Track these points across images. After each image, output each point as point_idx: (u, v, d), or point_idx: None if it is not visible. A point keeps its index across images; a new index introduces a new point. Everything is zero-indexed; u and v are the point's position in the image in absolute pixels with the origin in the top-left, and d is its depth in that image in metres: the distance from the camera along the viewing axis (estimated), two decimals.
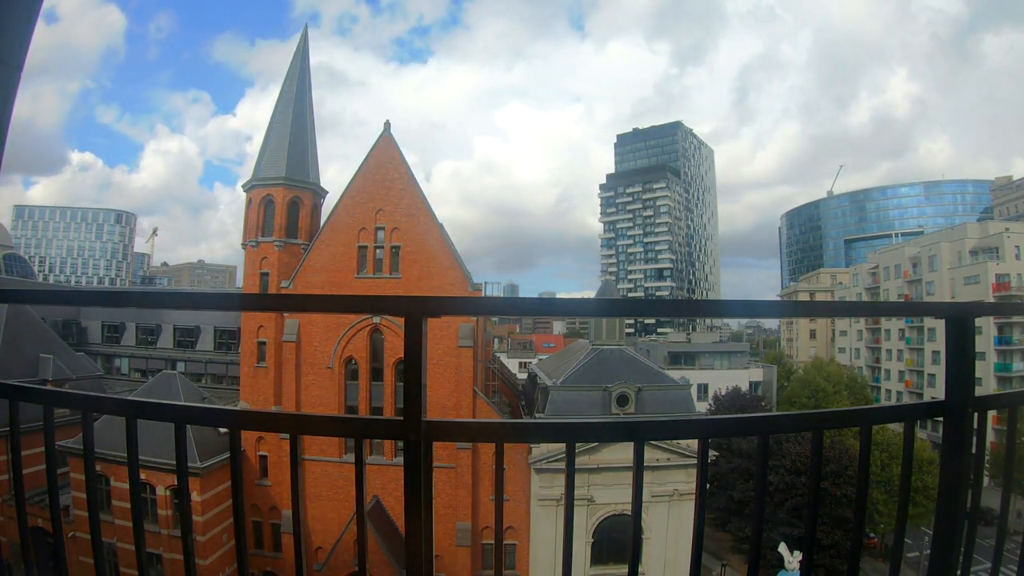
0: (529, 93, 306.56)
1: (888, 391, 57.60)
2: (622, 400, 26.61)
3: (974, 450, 1.66)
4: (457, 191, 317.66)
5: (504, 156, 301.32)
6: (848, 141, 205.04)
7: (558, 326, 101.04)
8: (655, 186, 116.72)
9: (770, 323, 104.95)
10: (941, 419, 1.64)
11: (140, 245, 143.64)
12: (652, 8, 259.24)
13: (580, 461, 23.38)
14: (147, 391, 26.57)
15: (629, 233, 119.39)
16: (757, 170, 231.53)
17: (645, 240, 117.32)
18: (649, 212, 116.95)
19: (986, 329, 44.80)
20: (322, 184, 30.22)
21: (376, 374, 27.23)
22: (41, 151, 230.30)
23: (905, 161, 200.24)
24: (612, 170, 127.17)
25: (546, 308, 1.71)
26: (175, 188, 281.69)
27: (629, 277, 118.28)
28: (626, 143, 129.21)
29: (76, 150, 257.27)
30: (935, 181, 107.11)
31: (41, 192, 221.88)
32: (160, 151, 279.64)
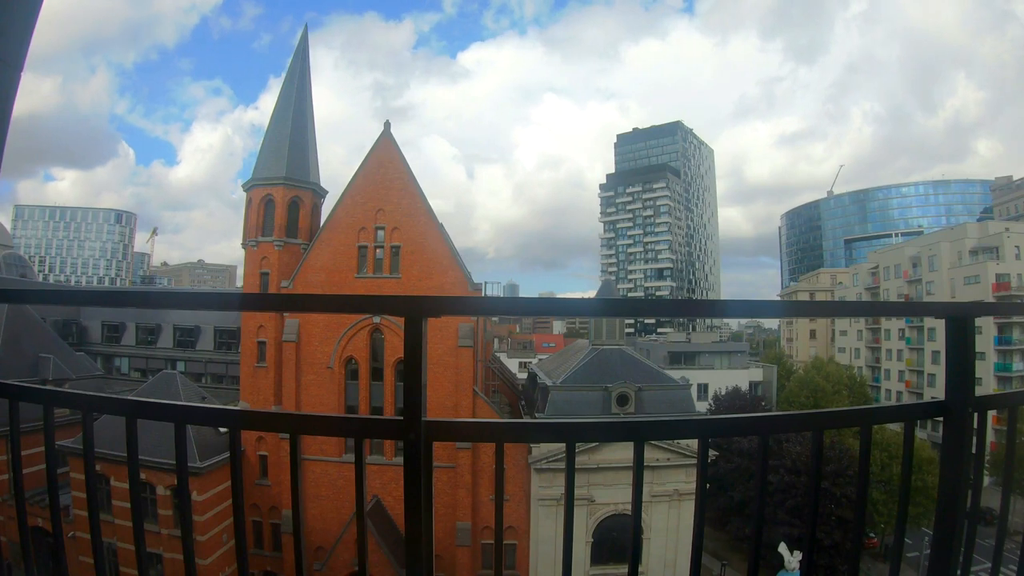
0: (591, 92, 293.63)
1: (888, 391, 57.57)
2: (622, 400, 26.62)
3: (974, 450, 1.66)
4: (510, 188, 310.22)
5: (563, 155, 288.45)
6: (909, 145, 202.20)
7: (558, 326, 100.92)
8: (655, 186, 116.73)
9: (770, 323, 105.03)
10: (941, 419, 1.65)
11: (147, 246, 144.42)
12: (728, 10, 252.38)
13: (580, 461, 23.39)
14: (147, 391, 26.57)
15: (629, 233, 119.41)
16: (821, 171, 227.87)
17: (645, 240, 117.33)
18: (649, 212, 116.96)
19: (986, 329, 44.77)
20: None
21: (376, 374, 27.24)
22: (85, 142, 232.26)
23: (963, 166, 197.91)
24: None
25: (546, 308, 1.71)
26: (213, 183, 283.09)
27: (629, 277, 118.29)
28: (626, 143, 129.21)
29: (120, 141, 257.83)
30: (936, 181, 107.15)
31: (67, 187, 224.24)
32: (196, 148, 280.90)
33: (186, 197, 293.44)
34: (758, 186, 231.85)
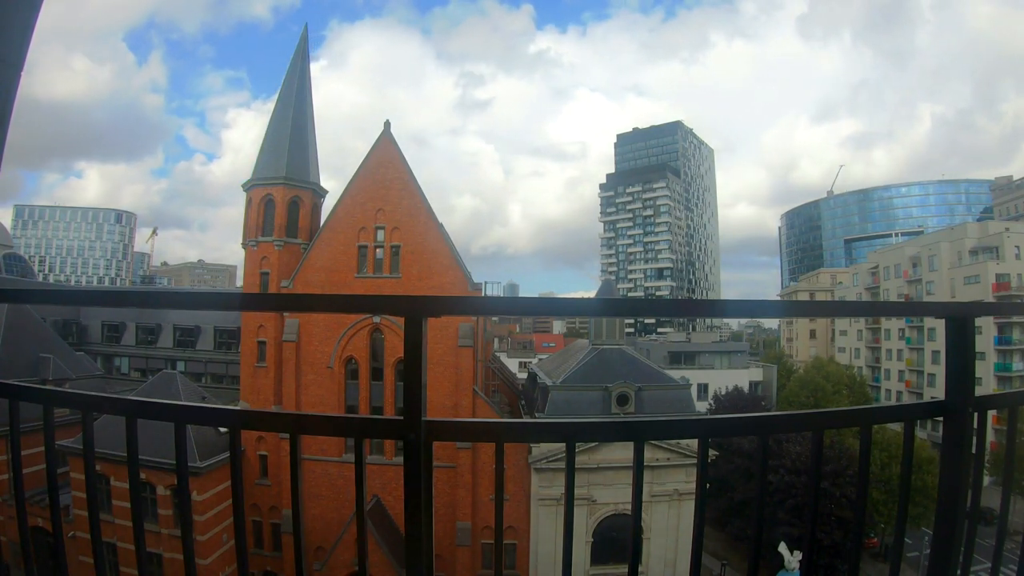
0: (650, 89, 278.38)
1: (888, 391, 57.56)
2: (622, 400, 26.61)
3: (974, 450, 1.66)
4: (561, 186, 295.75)
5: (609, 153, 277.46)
6: (961, 147, 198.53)
7: (558, 326, 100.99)
8: (655, 186, 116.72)
9: (770, 323, 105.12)
10: (941, 419, 1.65)
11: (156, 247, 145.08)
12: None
13: (580, 460, 23.38)
14: (147, 391, 26.56)
15: (629, 233, 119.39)
16: (873, 172, 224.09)
17: (645, 240, 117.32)
18: (649, 212, 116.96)
19: (986, 329, 44.74)
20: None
21: (376, 374, 27.23)
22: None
23: (1008, 168, 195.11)
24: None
25: (546, 308, 1.71)
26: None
27: (629, 277, 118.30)
28: (626, 143, 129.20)
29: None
30: (937, 181, 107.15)
31: (95, 180, 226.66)
32: (234, 144, 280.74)
33: (218, 194, 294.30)
34: (806, 187, 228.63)
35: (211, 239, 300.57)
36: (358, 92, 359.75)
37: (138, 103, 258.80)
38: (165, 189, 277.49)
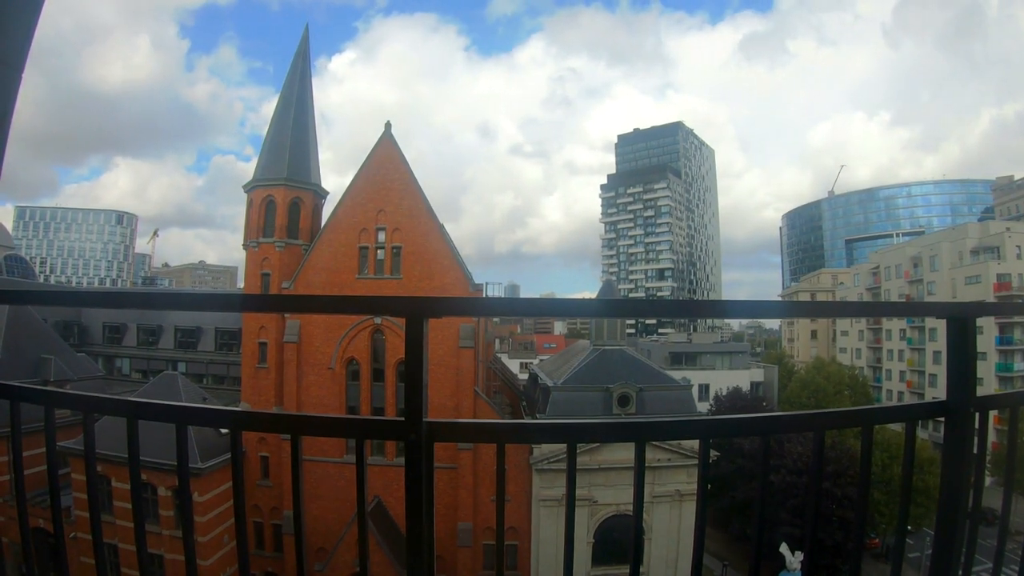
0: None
1: (889, 391, 57.49)
2: (623, 401, 26.59)
3: (975, 450, 1.66)
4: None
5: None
6: (1010, 148, 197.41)
7: (559, 326, 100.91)
8: (656, 186, 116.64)
9: (771, 323, 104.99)
10: (942, 419, 1.64)
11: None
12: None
13: (581, 461, 23.33)
14: (148, 392, 26.57)
15: (630, 233, 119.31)
16: (921, 174, 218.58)
17: (646, 240, 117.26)
18: (650, 212, 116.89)
19: (987, 329, 44.70)
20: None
21: (377, 375, 27.24)
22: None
23: None
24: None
25: (546, 309, 1.71)
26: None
27: (630, 277, 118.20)
28: (627, 143, 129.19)
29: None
30: (937, 181, 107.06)
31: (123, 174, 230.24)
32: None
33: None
34: (849, 188, 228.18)
35: (237, 237, 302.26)
36: (393, 88, 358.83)
37: (183, 97, 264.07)
38: (199, 186, 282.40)
